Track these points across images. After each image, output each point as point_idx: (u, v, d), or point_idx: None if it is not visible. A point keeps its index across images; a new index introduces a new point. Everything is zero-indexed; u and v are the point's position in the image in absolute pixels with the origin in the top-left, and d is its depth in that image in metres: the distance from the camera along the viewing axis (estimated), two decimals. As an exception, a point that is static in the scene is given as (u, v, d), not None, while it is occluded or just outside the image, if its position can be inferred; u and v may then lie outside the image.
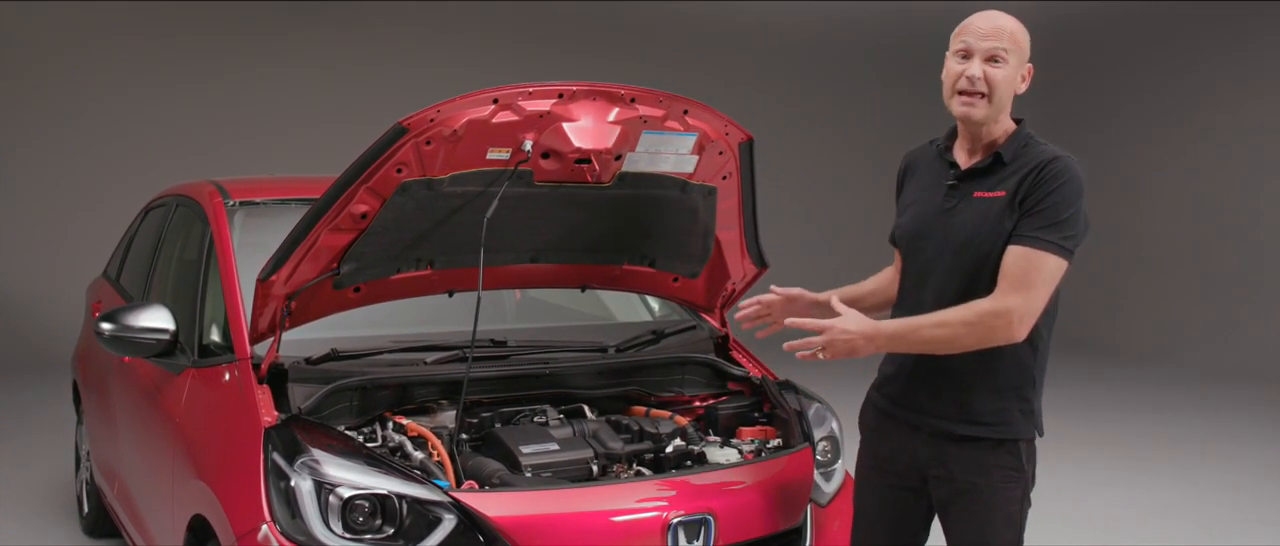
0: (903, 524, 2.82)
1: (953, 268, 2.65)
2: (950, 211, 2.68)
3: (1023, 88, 2.65)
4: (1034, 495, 2.75)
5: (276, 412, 2.98)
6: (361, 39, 11.23)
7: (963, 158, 2.72)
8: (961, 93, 2.62)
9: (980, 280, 2.60)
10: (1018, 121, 2.71)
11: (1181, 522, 5.56)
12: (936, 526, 2.82)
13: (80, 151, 10.45)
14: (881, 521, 2.84)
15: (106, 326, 3.47)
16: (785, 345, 2.59)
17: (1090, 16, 12.43)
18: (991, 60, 2.60)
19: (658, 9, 12.15)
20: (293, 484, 2.75)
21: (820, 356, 2.55)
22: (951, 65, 2.65)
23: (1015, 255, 2.54)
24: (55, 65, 10.43)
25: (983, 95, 2.60)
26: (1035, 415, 2.70)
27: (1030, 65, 2.65)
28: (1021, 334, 2.54)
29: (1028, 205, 2.55)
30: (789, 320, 2.78)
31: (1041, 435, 2.71)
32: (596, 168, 3.05)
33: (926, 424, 2.71)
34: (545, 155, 3.01)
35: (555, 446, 3.06)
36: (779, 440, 3.35)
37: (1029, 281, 2.51)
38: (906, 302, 2.76)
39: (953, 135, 2.78)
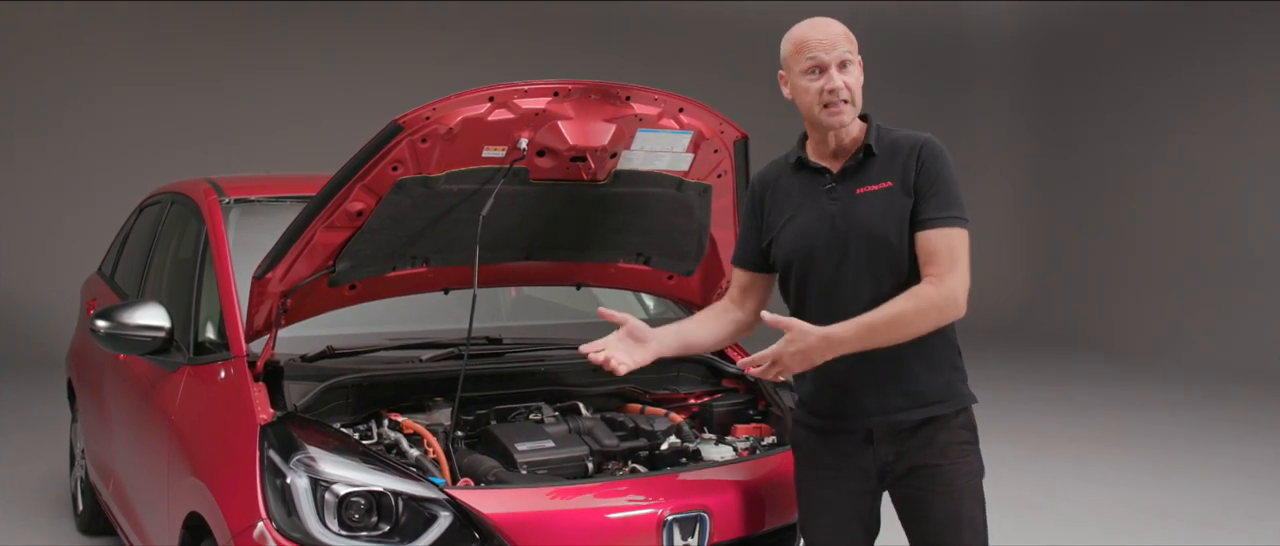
0: (864, 527, 2.81)
1: (866, 267, 2.65)
2: (839, 215, 2.68)
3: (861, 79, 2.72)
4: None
5: (272, 410, 2.98)
6: (357, 37, 11.23)
7: (829, 162, 2.73)
8: (828, 105, 2.65)
9: (898, 270, 2.64)
10: (864, 117, 2.75)
11: (1177, 519, 5.57)
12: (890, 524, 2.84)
13: (75, 149, 10.43)
14: (848, 530, 2.80)
15: (101, 324, 3.47)
16: (740, 362, 2.61)
17: (1084, 16, 12.44)
18: (842, 66, 2.66)
19: (654, 7, 12.16)
20: (289, 481, 2.76)
21: (775, 375, 2.57)
22: (806, 84, 2.66)
23: (934, 238, 2.60)
24: (50, 63, 10.42)
25: (846, 101, 2.65)
26: (967, 381, 2.75)
27: (860, 60, 2.72)
28: (964, 308, 2.63)
29: (923, 188, 2.62)
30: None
31: (976, 401, 2.77)
32: (592, 165, 3.06)
33: (879, 424, 2.69)
34: (541, 153, 3.02)
35: (550, 443, 3.06)
36: (774, 437, 3.35)
37: (955, 259, 2.60)
38: (813, 318, 2.64)
39: (802, 145, 2.79)
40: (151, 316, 3.50)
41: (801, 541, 2.98)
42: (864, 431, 2.71)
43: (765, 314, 2.65)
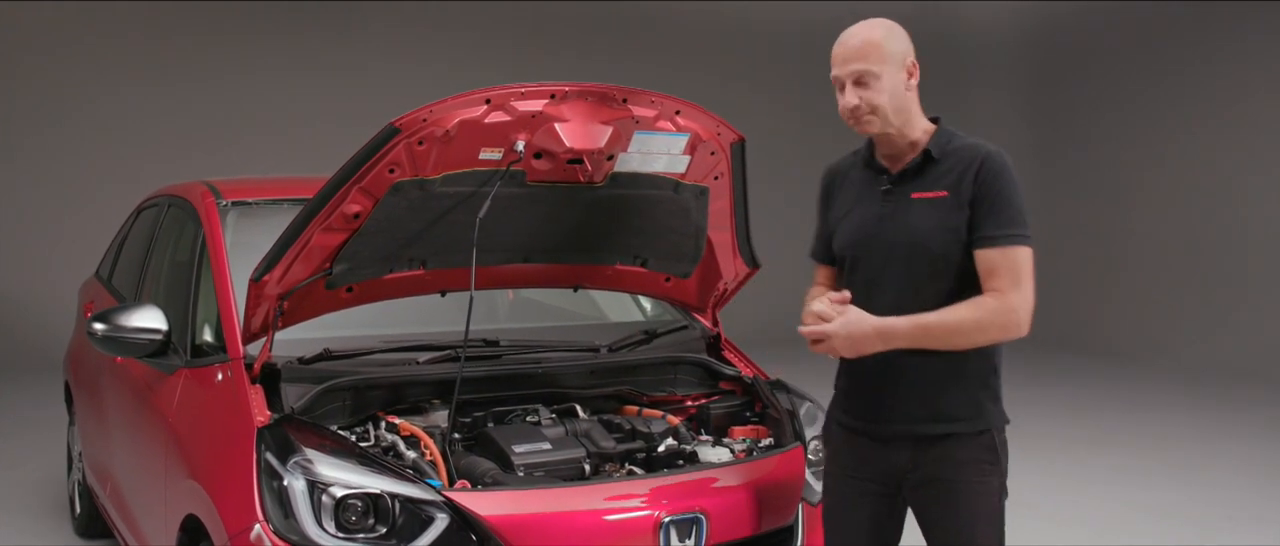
0: (879, 530, 2.80)
1: (905, 271, 2.65)
2: (889, 217, 2.68)
3: (913, 84, 2.65)
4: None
5: (269, 412, 2.99)
6: (355, 39, 11.23)
7: (890, 163, 2.73)
8: (851, 121, 2.66)
9: (938, 280, 2.62)
10: (935, 120, 2.72)
11: (1174, 521, 5.57)
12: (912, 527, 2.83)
13: (73, 152, 10.43)
14: (859, 529, 2.81)
15: (99, 327, 3.47)
16: (800, 328, 2.61)
17: (1080, 17, 12.46)
18: (859, 83, 2.62)
19: (649, 9, 12.16)
20: (286, 483, 2.76)
21: (821, 350, 2.59)
22: (837, 99, 2.67)
23: (994, 257, 2.56)
24: (49, 66, 10.42)
25: (871, 113, 2.63)
26: (1001, 403, 2.72)
27: (911, 61, 2.65)
28: (1027, 328, 2.59)
29: (982, 205, 2.58)
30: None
31: (1009, 422, 2.73)
32: (589, 168, 3.06)
33: (899, 431, 2.70)
34: (537, 155, 3.02)
35: (547, 446, 3.06)
36: (770, 439, 3.35)
37: (1018, 278, 2.56)
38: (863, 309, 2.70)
39: (872, 144, 2.79)
40: (148, 319, 3.50)
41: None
42: (885, 436, 2.71)
43: (830, 293, 2.64)
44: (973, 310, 2.55)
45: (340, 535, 2.71)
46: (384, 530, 2.73)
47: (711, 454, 3.22)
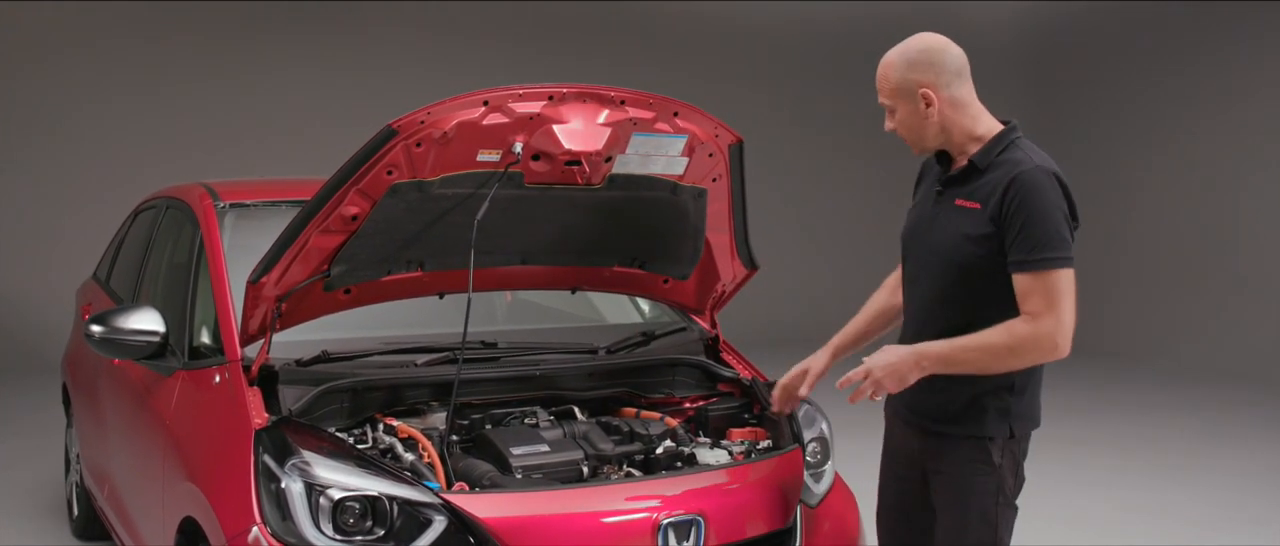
0: (912, 514, 2.91)
1: (935, 275, 2.75)
2: (934, 219, 2.78)
3: (932, 112, 2.69)
4: (1023, 495, 2.78)
5: (267, 414, 2.98)
6: (353, 41, 11.23)
7: (953, 163, 2.80)
8: None
9: (965, 289, 2.68)
10: (1006, 122, 2.75)
11: (1172, 522, 5.58)
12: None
13: (71, 153, 10.43)
14: (894, 509, 2.97)
15: (96, 329, 3.47)
16: (838, 384, 2.73)
17: (1079, 17, 12.46)
18: (889, 111, 2.76)
19: (649, 10, 12.16)
20: (283, 485, 2.76)
21: (873, 397, 2.70)
22: None
23: (1026, 281, 2.60)
24: (47, 67, 10.41)
25: (904, 138, 2.77)
26: (1011, 415, 2.74)
27: (924, 91, 2.68)
28: (1067, 350, 2.63)
29: (1012, 227, 2.60)
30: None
31: (1013, 435, 2.75)
32: (587, 170, 3.07)
33: (915, 420, 2.84)
34: (535, 157, 3.02)
35: (545, 448, 3.06)
36: (769, 441, 3.35)
37: (1052, 302, 2.59)
38: (905, 305, 2.91)
39: None
40: (146, 321, 3.50)
41: None
42: (905, 422, 2.86)
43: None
44: (1005, 335, 2.61)
45: (338, 537, 2.71)
46: (382, 532, 2.73)
47: (710, 456, 3.22)
